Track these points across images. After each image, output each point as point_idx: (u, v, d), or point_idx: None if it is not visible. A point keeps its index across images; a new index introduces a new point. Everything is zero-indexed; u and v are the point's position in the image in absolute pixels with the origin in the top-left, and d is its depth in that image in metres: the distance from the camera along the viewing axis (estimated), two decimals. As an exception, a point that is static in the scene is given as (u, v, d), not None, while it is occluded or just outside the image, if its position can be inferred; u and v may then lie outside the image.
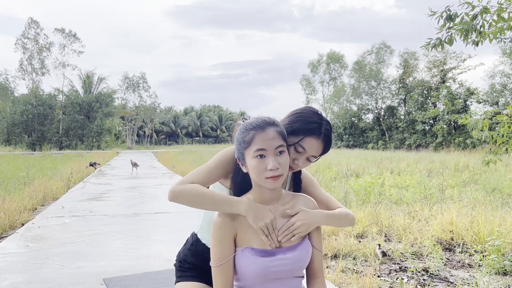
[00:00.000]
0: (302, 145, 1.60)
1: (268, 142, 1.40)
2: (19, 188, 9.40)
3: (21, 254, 4.59)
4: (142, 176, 14.37)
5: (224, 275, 1.43)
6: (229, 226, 1.44)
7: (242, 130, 1.46)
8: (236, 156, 1.50)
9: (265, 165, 1.39)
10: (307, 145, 1.61)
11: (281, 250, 1.45)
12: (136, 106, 59.89)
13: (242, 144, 1.44)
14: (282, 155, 1.42)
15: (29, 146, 45.13)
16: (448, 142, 35.42)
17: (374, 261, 4.35)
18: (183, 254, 1.88)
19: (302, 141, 1.60)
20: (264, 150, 1.39)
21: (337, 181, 10.94)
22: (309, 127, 1.61)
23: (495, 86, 35.33)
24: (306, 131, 1.60)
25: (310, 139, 1.60)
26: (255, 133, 1.41)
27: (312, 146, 1.61)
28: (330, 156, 22.25)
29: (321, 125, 1.64)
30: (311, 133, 1.60)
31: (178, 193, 1.53)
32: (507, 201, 7.61)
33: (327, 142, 1.65)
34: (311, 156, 1.64)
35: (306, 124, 1.62)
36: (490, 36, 4.32)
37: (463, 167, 14.50)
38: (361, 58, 46.38)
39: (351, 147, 43.17)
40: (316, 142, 1.62)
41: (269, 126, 1.43)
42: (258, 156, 1.39)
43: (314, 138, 1.61)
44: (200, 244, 1.83)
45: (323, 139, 1.63)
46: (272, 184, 1.41)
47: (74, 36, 49.53)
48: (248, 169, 1.45)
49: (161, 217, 6.74)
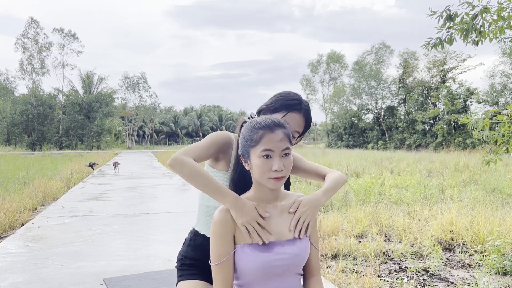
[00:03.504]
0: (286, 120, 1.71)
1: (276, 144, 1.42)
2: (19, 188, 9.40)
3: (21, 254, 4.59)
4: (142, 176, 14.37)
5: (224, 273, 1.44)
6: (228, 224, 1.44)
7: (250, 128, 1.48)
8: (240, 152, 1.51)
9: (270, 166, 1.41)
10: (290, 119, 1.74)
11: (279, 243, 1.46)
12: (136, 106, 59.90)
13: (249, 142, 1.46)
14: (288, 157, 1.45)
15: (29, 146, 45.15)
16: (448, 142, 35.42)
17: (374, 261, 4.35)
18: (183, 252, 1.90)
19: (285, 116, 1.74)
20: (271, 151, 1.42)
21: (337, 181, 10.92)
22: (290, 103, 1.77)
23: (495, 86, 35.33)
24: (288, 106, 1.76)
25: (293, 114, 1.76)
26: (263, 133, 1.43)
27: (295, 120, 1.76)
28: (330, 156, 22.26)
29: (301, 101, 1.80)
30: (293, 109, 1.76)
31: (180, 162, 1.57)
32: (507, 201, 7.61)
33: (308, 117, 1.81)
34: (295, 131, 1.77)
35: (287, 101, 1.78)
36: (490, 36, 4.32)
37: (463, 167, 14.50)
38: (361, 58, 46.40)
39: (351, 147, 43.18)
40: (298, 116, 1.77)
41: (278, 128, 1.45)
42: (264, 156, 1.41)
43: (295, 113, 1.76)
44: (199, 237, 1.85)
45: (304, 114, 1.79)
46: (274, 185, 1.43)
47: (73, 36, 49.55)
48: (251, 167, 1.47)
49: (161, 217, 6.74)
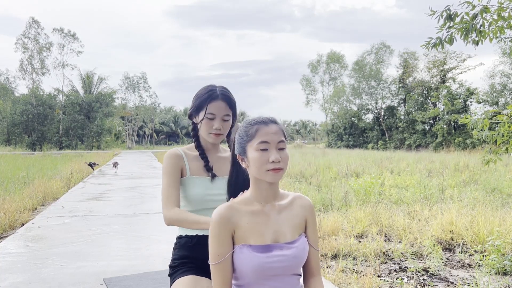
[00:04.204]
0: (209, 111, 1.88)
1: (271, 136, 1.46)
2: (19, 188, 9.40)
3: (21, 254, 4.59)
4: (142, 176, 14.37)
5: (223, 273, 1.44)
6: (227, 223, 1.45)
7: (245, 125, 1.52)
8: (237, 151, 1.53)
9: (267, 157, 1.44)
10: (213, 108, 1.88)
11: (278, 246, 1.47)
12: (136, 106, 59.89)
13: (245, 137, 1.49)
14: (284, 151, 1.48)
15: (29, 146, 45.14)
16: (448, 142, 35.42)
17: (374, 261, 4.35)
18: (172, 258, 1.97)
19: (208, 109, 1.88)
20: (267, 143, 1.45)
21: (337, 181, 10.94)
22: (206, 96, 1.90)
23: (495, 86, 35.32)
24: (205, 99, 1.90)
25: (212, 103, 1.89)
26: (258, 127, 1.48)
27: (218, 107, 1.89)
28: (330, 156, 22.26)
29: (215, 90, 1.92)
30: (210, 99, 1.89)
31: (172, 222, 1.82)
32: (507, 201, 7.61)
33: (227, 99, 1.92)
34: (223, 116, 1.90)
35: (202, 96, 1.91)
36: (490, 36, 4.32)
37: (463, 167, 14.49)
38: (361, 58, 46.39)
39: (351, 147, 43.17)
40: (217, 103, 1.89)
41: (272, 123, 1.50)
42: (261, 150, 1.45)
43: (214, 101, 1.89)
44: (182, 239, 1.93)
45: (222, 98, 1.90)
46: (272, 177, 1.44)
47: (73, 36, 49.52)
48: (248, 163, 1.48)
49: (161, 217, 6.73)
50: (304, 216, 1.57)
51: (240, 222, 1.47)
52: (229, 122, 1.94)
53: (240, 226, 1.46)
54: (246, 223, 1.47)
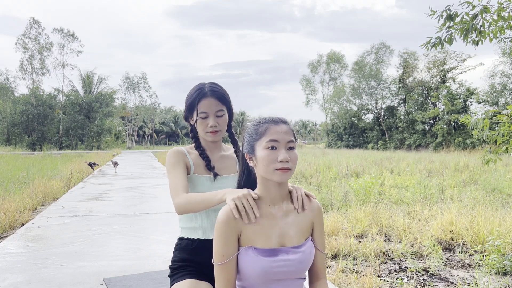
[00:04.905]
0: (201, 110, 1.87)
1: (281, 135, 1.44)
2: (19, 188, 9.41)
3: (21, 254, 4.59)
4: (142, 176, 14.37)
5: (227, 274, 1.42)
6: (233, 224, 1.42)
7: (255, 123, 1.50)
8: (246, 150, 1.51)
9: (276, 156, 1.41)
10: (204, 107, 1.87)
11: (284, 250, 1.44)
12: (136, 106, 59.89)
13: (254, 136, 1.47)
14: (293, 151, 1.45)
15: (29, 146, 45.15)
16: (448, 142, 35.44)
17: (374, 261, 4.35)
18: (172, 258, 1.96)
19: (198, 108, 1.87)
20: (277, 142, 1.43)
21: (337, 181, 10.94)
22: (195, 96, 1.89)
23: (495, 86, 35.35)
24: (195, 99, 1.89)
25: (202, 102, 1.87)
26: (268, 125, 1.46)
27: (208, 104, 1.88)
28: (330, 156, 22.26)
29: (203, 88, 1.90)
30: (199, 98, 1.88)
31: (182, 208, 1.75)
32: (507, 201, 7.61)
33: (218, 94, 1.90)
34: (216, 112, 1.89)
35: (192, 96, 1.90)
36: (490, 36, 4.32)
37: (463, 167, 14.50)
38: (361, 58, 46.41)
39: (351, 147, 43.18)
40: (208, 100, 1.88)
41: (282, 122, 1.49)
42: (269, 148, 1.42)
43: (203, 99, 1.88)
44: (184, 241, 1.93)
45: (211, 95, 1.89)
46: (280, 177, 1.41)
47: (73, 35, 49.53)
48: (256, 162, 1.46)
49: (161, 217, 6.74)
50: (312, 219, 1.54)
51: (246, 224, 1.44)
52: (224, 117, 1.92)
53: (247, 228, 1.44)
54: (254, 225, 1.44)
